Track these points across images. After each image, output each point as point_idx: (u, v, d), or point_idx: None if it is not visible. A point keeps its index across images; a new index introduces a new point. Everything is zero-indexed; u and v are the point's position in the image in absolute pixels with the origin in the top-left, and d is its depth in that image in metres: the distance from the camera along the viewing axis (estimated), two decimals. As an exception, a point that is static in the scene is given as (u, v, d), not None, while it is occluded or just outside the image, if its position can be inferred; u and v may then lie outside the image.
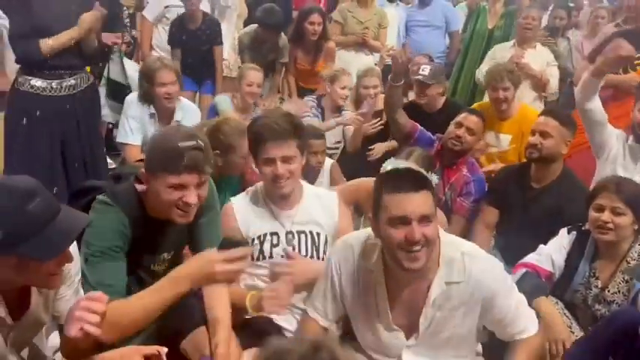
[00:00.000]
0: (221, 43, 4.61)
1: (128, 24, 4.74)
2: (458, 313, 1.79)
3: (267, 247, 2.13)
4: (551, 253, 2.36)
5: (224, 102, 3.81)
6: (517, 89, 3.52)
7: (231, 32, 5.01)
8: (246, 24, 5.20)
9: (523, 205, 2.76)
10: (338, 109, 3.88)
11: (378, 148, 3.68)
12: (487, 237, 2.87)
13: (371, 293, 1.82)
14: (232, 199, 2.24)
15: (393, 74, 3.12)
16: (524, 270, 2.33)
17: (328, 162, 3.33)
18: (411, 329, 1.83)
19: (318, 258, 2.14)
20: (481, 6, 4.89)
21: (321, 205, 2.20)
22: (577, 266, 2.31)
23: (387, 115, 3.36)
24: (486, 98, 3.82)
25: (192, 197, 1.71)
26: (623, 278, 2.24)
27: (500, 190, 2.90)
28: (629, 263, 2.22)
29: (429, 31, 5.42)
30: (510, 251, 2.64)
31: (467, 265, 1.75)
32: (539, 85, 4.12)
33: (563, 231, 2.40)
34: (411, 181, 1.69)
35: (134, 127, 3.25)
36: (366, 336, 1.90)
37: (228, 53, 4.96)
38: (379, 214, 1.70)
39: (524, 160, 2.91)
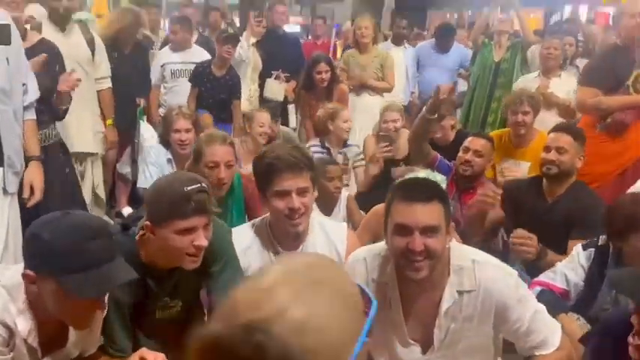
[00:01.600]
0: (240, 97, 4.78)
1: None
2: (472, 323, 1.76)
3: None
4: (565, 271, 2.31)
5: None
6: (537, 115, 3.54)
7: (247, 85, 5.19)
8: (261, 77, 5.40)
9: (537, 218, 2.74)
10: (344, 144, 4.02)
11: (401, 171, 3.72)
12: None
13: (385, 306, 1.78)
14: (234, 230, 2.13)
15: (431, 106, 3.16)
16: (539, 288, 2.28)
17: (344, 193, 3.37)
18: (426, 343, 1.80)
19: None
20: (486, 41, 5.01)
21: (327, 240, 2.13)
22: (599, 286, 2.24)
23: (413, 144, 3.41)
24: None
25: (202, 239, 1.73)
26: None
27: (514, 202, 2.89)
28: None
29: (442, 73, 5.65)
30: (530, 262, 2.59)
31: (477, 273, 1.73)
32: (568, 112, 4.10)
33: (578, 247, 2.35)
34: (421, 191, 1.70)
35: (154, 173, 3.35)
36: (381, 353, 1.87)
37: (243, 105, 5.15)
38: (388, 221, 1.71)
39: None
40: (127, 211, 4.62)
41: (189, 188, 1.71)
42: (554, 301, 2.19)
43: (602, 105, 3.42)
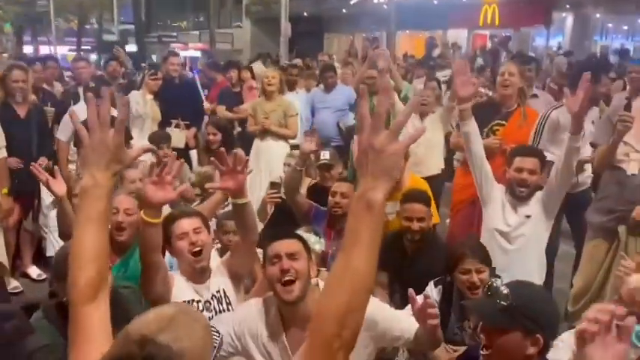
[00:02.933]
0: (129, 143, 4.95)
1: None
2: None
3: None
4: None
5: None
6: (407, 161, 4.03)
7: (146, 136, 5.38)
8: (161, 126, 5.61)
9: (401, 269, 3.24)
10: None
11: None
12: (383, 295, 3.28)
13: (273, 345, 2.15)
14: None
15: (300, 160, 3.55)
16: None
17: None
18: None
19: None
20: (367, 88, 5.50)
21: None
22: (449, 313, 2.75)
23: (287, 197, 3.77)
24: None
25: None
26: None
27: (382, 256, 3.33)
28: None
29: (332, 113, 6.13)
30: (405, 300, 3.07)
31: None
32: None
33: (431, 284, 2.86)
34: (285, 234, 2.21)
35: (61, 241, 3.50)
36: None
37: (146, 155, 5.33)
38: (265, 264, 2.14)
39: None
40: (33, 271, 4.68)
41: None
42: None
43: (460, 144, 4.07)
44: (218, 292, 2.54)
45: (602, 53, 17.43)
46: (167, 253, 2.61)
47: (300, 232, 2.77)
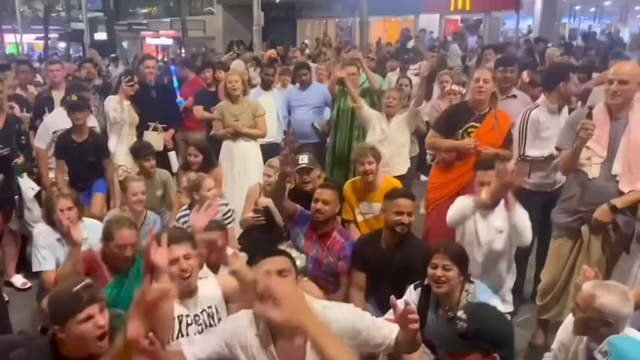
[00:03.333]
0: (108, 155, 4.98)
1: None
2: None
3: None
4: None
5: None
6: (379, 162, 4.18)
7: (125, 140, 5.43)
8: (138, 129, 5.65)
9: (380, 265, 3.41)
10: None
11: None
12: (361, 297, 3.49)
13: (263, 355, 2.28)
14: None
15: (281, 172, 3.67)
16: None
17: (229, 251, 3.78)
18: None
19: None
20: (341, 89, 5.65)
21: (205, 287, 2.72)
22: (426, 314, 2.93)
23: (275, 202, 3.90)
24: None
25: (101, 321, 2.14)
26: None
27: (361, 257, 3.53)
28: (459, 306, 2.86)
29: (307, 110, 6.24)
30: (382, 303, 3.26)
31: (328, 315, 2.28)
32: None
33: (411, 287, 3.04)
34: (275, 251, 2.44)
35: (46, 255, 3.57)
36: None
37: (124, 159, 5.38)
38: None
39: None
40: (17, 280, 4.72)
41: (77, 287, 2.15)
42: None
43: (436, 145, 4.31)
44: (210, 307, 2.68)
45: (570, 35, 17.83)
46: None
47: (282, 248, 2.90)
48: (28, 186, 4.55)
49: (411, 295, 3.01)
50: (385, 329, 2.36)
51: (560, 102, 4.04)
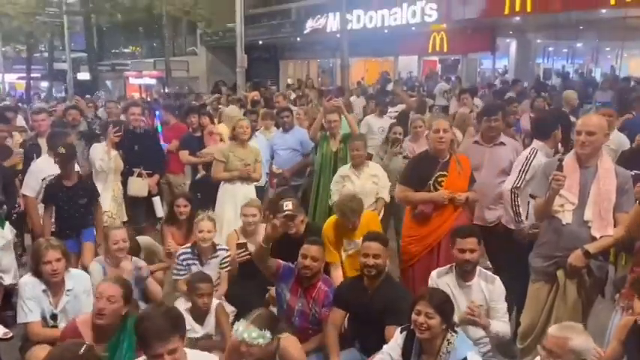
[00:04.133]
0: (98, 197, 5.01)
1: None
2: None
3: None
4: (389, 351, 3.09)
5: (96, 272, 4.09)
6: (361, 215, 4.29)
7: (110, 187, 5.48)
8: (123, 175, 5.71)
9: (360, 308, 3.51)
10: (214, 249, 4.46)
11: None
12: (335, 334, 3.58)
13: None
14: None
15: (266, 238, 3.69)
16: None
17: (215, 302, 3.82)
18: None
19: None
20: (323, 134, 5.82)
21: None
22: (410, 358, 3.00)
23: (259, 265, 3.89)
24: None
25: None
26: None
27: (343, 298, 3.64)
28: (441, 355, 2.93)
29: (288, 153, 6.42)
30: (364, 346, 3.38)
31: None
32: None
33: (398, 330, 3.11)
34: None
35: (32, 307, 3.56)
36: None
37: (109, 205, 5.43)
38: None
39: None
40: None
41: (81, 350, 2.18)
42: None
43: (408, 199, 4.37)
44: None
45: (545, 74, 18.41)
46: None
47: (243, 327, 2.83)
48: (2, 235, 4.53)
49: (397, 337, 3.08)
50: None
51: (555, 148, 4.25)
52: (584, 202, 3.42)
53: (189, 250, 4.43)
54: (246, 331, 2.76)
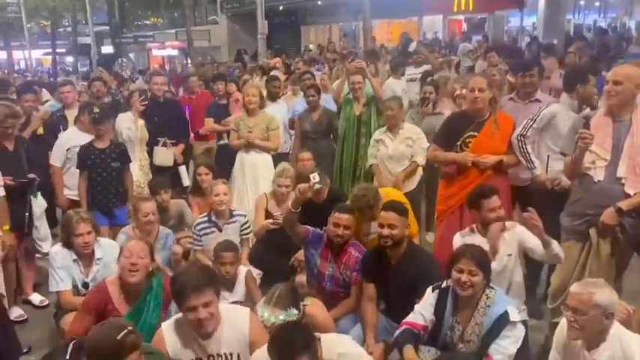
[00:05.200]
0: (130, 161, 5.02)
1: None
2: None
3: None
4: (421, 310, 3.06)
5: (121, 243, 4.01)
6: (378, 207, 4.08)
7: (137, 157, 5.51)
8: (148, 144, 5.74)
9: (386, 278, 3.45)
10: (230, 215, 4.50)
11: None
12: (373, 307, 3.54)
13: None
14: (163, 325, 2.71)
15: (295, 202, 3.67)
16: (403, 327, 3.04)
17: (243, 270, 3.84)
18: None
19: None
20: (346, 98, 5.73)
21: (231, 326, 2.64)
22: (443, 316, 2.99)
23: (288, 230, 3.85)
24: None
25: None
26: (476, 322, 2.93)
27: (368, 270, 3.58)
28: (479, 309, 2.92)
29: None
30: (393, 312, 3.34)
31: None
32: None
33: (429, 290, 3.08)
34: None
35: (63, 276, 3.65)
36: None
37: (137, 174, 5.47)
38: None
39: None
40: (35, 298, 4.81)
41: (120, 335, 2.21)
42: (407, 335, 2.98)
43: (436, 158, 4.32)
44: (230, 354, 2.64)
45: (575, 30, 17.76)
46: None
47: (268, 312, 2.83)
48: (37, 204, 4.63)
49: (429, 297, 3.05)
50: None
51: (580, 102, 4.07)
52: (617, 158, 3.30)
53: (205, 218, 4.46)
54: (272, 316, 2.77)
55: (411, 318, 3.06)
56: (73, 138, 5.11)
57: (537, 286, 4.33)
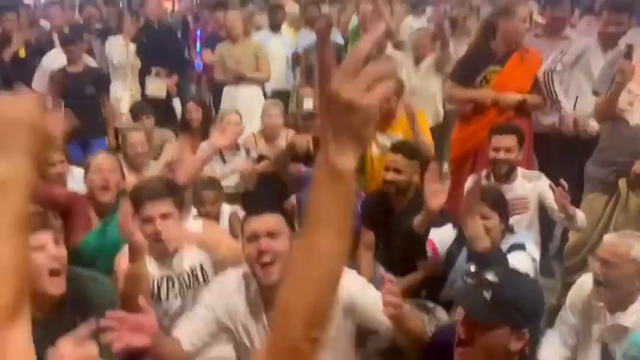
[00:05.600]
0: (107, 91, 4.69)
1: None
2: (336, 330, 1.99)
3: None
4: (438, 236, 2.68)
5: None
6: (401, 95, 3.77)
7: (128, 87, 5.14)
8: (140, 74, 5.34)
9: (388, 226, 3.06)
10: (237, 148, 4.14)
11: None
12: (369, 256, 3.17)
13: (253, 324, 2.02)
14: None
15: (288, 146, 3.46)
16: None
17: (227, 209, 3.49)
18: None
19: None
20: (353, 28, 5.29)
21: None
22: (458, 255, 2.59)
23: (279, 171, 3.67)
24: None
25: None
26: None
27: (368, 215, 3.20)
28: None
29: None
30: (390, 262, 2.99)
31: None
32: None
33: (449, 225, 2.71)
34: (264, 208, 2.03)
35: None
36: None
37: (128, 106, 5.08)
38: (244, 237, 1.98)
39: None
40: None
41: None
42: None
43: (454, 96, 3.87)
44: (194, 269, 2.39)
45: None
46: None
47: None
48: None
49: (449, 232, 2.70)
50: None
51: None
52: (658, 100, 2.90)
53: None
54: None
55: (435, 238, 2.67)
56: (57, 60, 4.74)
57: (550, 242, 3.98)
